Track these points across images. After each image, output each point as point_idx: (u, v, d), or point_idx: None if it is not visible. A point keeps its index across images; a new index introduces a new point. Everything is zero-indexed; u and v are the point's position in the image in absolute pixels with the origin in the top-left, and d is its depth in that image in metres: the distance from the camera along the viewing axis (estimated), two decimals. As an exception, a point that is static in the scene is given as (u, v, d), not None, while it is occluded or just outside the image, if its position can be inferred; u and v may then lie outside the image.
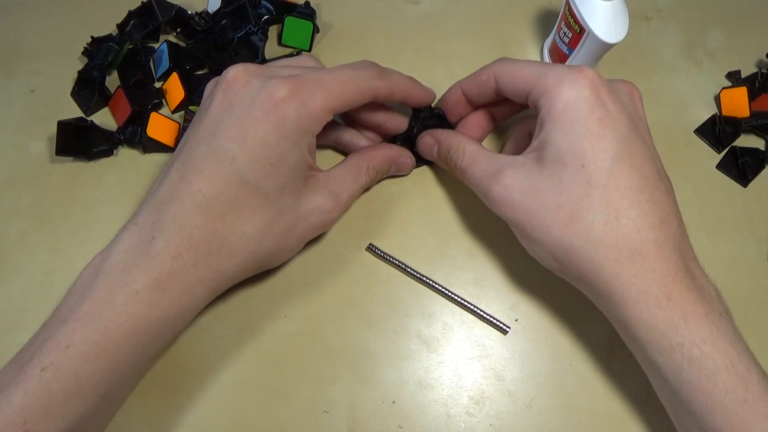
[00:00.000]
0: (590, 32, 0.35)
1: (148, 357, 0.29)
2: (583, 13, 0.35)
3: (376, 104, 0.35)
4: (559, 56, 0.40)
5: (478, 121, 0.38)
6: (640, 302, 0.27)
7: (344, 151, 0.39)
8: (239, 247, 0.30)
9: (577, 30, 0.36)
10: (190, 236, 0.28)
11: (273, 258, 0.33)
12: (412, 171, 0.39)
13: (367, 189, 0.38)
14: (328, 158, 0.40)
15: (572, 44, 0.38)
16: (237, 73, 0.30)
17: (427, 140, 0.37)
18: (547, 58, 0.43)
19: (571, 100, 0.28)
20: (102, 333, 0.26)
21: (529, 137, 0.34)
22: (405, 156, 0.38)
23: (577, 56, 0.38)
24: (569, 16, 0.37)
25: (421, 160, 0.39)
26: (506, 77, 0.32)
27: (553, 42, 0.41)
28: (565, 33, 0.38)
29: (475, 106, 0.37)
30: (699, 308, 0.27)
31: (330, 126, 0.37)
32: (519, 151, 0.34)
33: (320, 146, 0.40)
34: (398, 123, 0.37)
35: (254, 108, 0.28)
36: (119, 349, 0.26)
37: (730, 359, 0.26)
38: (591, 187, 0.28)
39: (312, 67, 0.33)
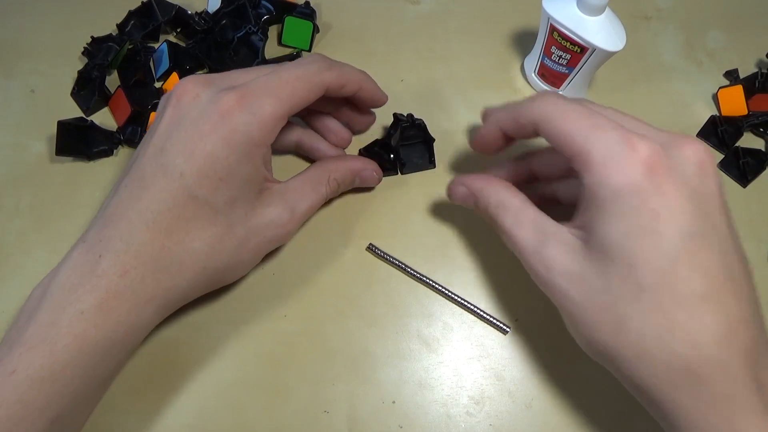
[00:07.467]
0: (595, 48, 0.35)
1: (100, 379, 0.28)
2: (580, 33, 0.35)
3: (342, 100, 0.35)
4: (555, 77, 0.40)
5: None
6: (698, 430, 0.23)
7: (306, 156, 0.39)
8: (188, 263, 0.29)
9: (577, 50, 0.36)
10: (137, 254, 0.27)
11: (226, 274, 0.32)
12: (379, 183, 0.38)
13: (329, 201, 0.36)
14: (289, 165, 0.39)
15: (572, 63, 0.38)
16: (186, 86, 0.29)
17: (460, 191, 0.32)
18: (538, 82, 0.42)
19: (621, 189, 0.24)
20: (47, 356, 0.25)
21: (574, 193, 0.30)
22: (369, 168, 0.36)
23: (579, 72, 0.38)
24: (562, 40, 0.36)
25: (388, 171, 0.38)
26: (548, 130, 0.27)
27: (543, 65, 0.40)
28: (560, 56, 0.38)
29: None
30: None
31: (289, 129, 0.37)
32: (566, 197, 0.32)
33: (281, 152, 0.39)
34: (368, 118, 0.37)
35: (203, 122, 0.28)
36: (66, 372, 0.26)
37: None
38: (641, 291, 0.24)
39: (265, 72, 0.31)
